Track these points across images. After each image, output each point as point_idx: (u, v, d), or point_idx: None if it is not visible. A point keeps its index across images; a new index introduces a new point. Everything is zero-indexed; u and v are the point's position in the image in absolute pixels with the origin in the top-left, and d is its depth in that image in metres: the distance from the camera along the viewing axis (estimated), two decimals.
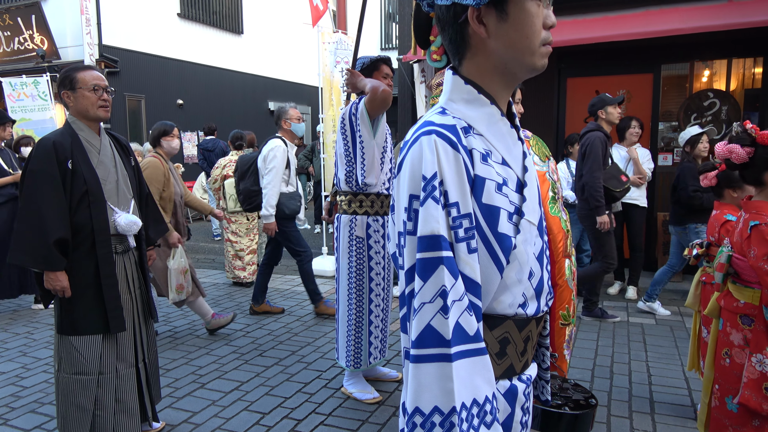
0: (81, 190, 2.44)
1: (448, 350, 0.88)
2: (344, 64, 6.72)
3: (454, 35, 1.03)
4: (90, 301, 2.48)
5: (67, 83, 2.50)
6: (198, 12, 12.07)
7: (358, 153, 3.10)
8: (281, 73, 14.76)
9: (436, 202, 0.91)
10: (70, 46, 10.01)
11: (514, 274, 1.01)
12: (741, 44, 5.83)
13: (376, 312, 3.26)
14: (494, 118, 1.03)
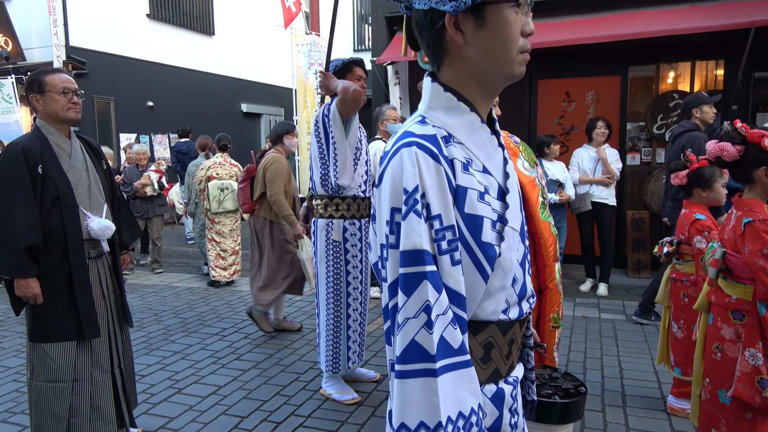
0: (52, 196, 2.40)
1: (433, 365, 0.88)
2: (318, 66, 6.71)
3: (431, 40, 1.02)
4: (63, 307, 2.44)
5: (36, 86, 2.45)
6: (167, 13, 11.90)
7: (331, 155, 3.10)
8: (254, 75, 14.64)
9: (419, 216, 0.90)
10: (35, 48, 9.77)
11: (498, 282, 1.00)
12: (704, 47, 6.02)
13: (354, 317, 3.27)
14: (474, 126, 1.02)
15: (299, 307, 5.38)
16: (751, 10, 5.22)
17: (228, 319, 5.02)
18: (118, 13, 10.75)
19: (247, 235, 8.98)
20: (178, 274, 6.99)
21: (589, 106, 6.52)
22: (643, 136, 6.44)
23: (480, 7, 0.95)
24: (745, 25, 5.06)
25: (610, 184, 5.43)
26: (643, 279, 6.00)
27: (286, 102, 14.91)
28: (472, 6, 0.94)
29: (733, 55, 5.83)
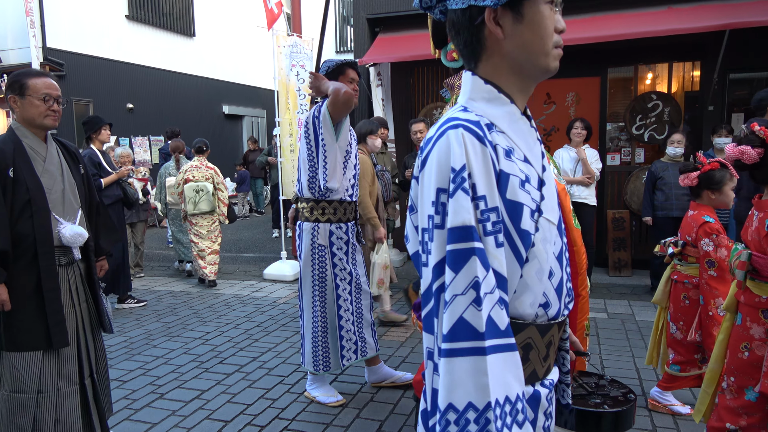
0: (23, 200, 2.32)
1: (482, 343, 0.86)
2: (300, 67, 6.70)
3: (469, 38, 1.06)
4: (30, 315, 2.35)
5: (17, 88, 2.38)
6: (147, 14, 11.77)
7: (320, 157, 3.06)
8: (235, 77, 14.55)
9: (466, 194, 0.91)
10: (11, 49, 9.60)
11: (534, 273, 1.01)
12: (680, 49, 6.13)
13: (346, 317, 3.25)
14: (515, 117, 1.05)
15: (283, 309, 5.35)
16: (725, 13, 5.33)
17: (211, 322, 4.97)
18: (97, 14, 10.61)
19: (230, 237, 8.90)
20: (160, 278, 6.92)
21: (570, 107, 6.60)
22: (623, 137, 6.53)
23: (518, 2, 1.00)
24: (719, 27, 5.17)
25: (590, 184, 5.50)
26: (624, 278, 6.07)
27: (268, 103, 14.84)
28: (510, 1, 0.99)
29: (708, 56, 5.94)
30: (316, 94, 3.12)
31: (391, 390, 3.47)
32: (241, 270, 7.16)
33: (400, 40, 6.73)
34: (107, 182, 5.22)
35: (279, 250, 7.00)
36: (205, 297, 5.90)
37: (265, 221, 11.38)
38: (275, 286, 6.30)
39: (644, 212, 5.49)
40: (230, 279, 6.73)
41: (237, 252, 8.27)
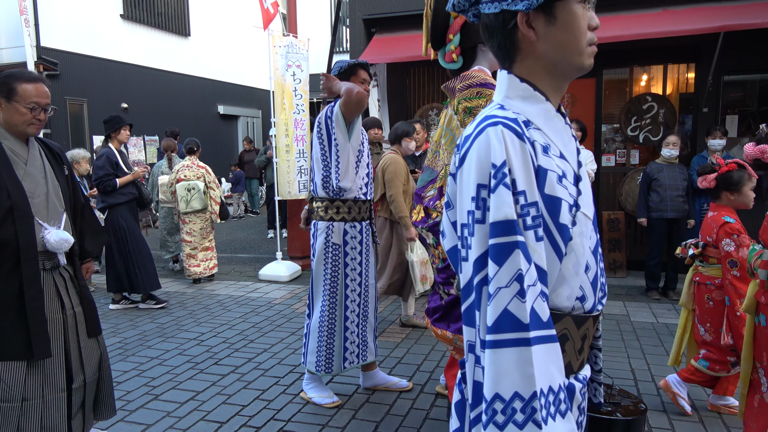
0: (5, 206, 2.22)
1: (527, 334, 0.89)
2: (296, 68, 6.69)
3: (503, 41, 1.07)
4: (12, 324, 2.24)
5: (5, 90, 2.28)
6: (142, 13, 11.73)
7: (333, 157, 3.07)
8: (231, 77, 14.52)
9: (508, 189, 0.93)
10: (4, 48, 9.55)
11: (572, 266, 1.03)
12: (676, 51, 6.16)
13: (351, 318, 3.24)
14: (550, 114, 1.07)
15: (278, 310, 5.34)
16: (720, 15, 5.35)
17: (206, 323, 4.95)
18: (91, 13, 10.56)
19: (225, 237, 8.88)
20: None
21: (565, 108, 6.60)
22: (618, 138, 6.56)
23: (550, 4, 1.02)
24: (714, 29, 5.19)
25: None
26: (619, 278, 6.09)
27: (264, 104, 14.82)
28: (542, 3, 1.01)
29: (703, 58, 5.98)
30: (328, 95, 3.14)
31: (386, 392, 3.46)
32: (237, 270, 7.14)
33: (396, 41, 6.73)
34: (122, 182, 5.23)
35: (274, 251, 6.99)
36: (200, 297, 5.88)
37: (260, 222, 11.36)
38: (270, 287, 6.29)
39: (639, 213, 5.51)
40: (225, 279, 6.71)
41: (232, 252, 8.25)
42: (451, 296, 2.37)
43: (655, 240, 5.47)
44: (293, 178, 6.73)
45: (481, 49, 2.39)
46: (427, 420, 3.12)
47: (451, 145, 2.37)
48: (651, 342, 4.27)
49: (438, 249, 2.40)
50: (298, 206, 7.11)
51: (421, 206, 2.44)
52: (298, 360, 4.00)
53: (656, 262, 5.51)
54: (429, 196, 2.42)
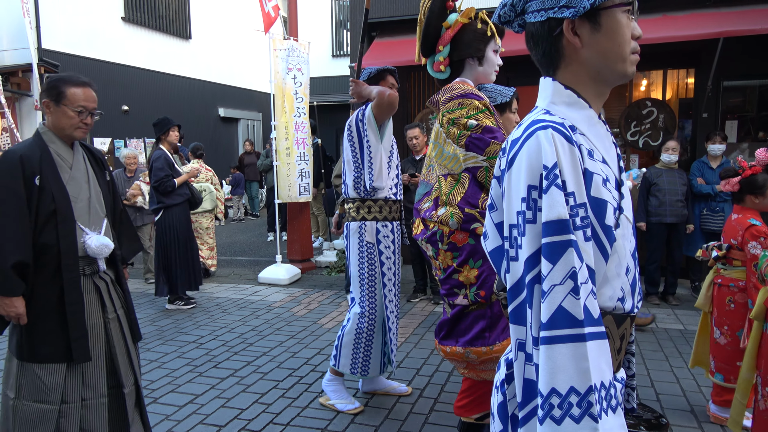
0: (48, 209, 2.24)
1: (582, 330, 0.91)
2: (297, 71, 6.70)
3: (548, 48, 1.11)
4: (53, 327, 2.26)
5: (54, 94, 2.31)
6: (143, 16, 11.75)
7: (365, 158, 3.13)
8: (231, 79, 14.53)
9: (560, 189, 0.95)
10: (6, 50, 9.55)
11: (614, 267, 1.05)
12: (675, 56, 6.18)
13: (392, 318, 3.25)
14: (593, 120, 1.10)
15: (277, 313, 5.34)
16: (719, 21, 5.37)
17: (205, 326, 4.95)
18: (93, 15, 10.58)
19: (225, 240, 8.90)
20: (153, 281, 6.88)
21: None
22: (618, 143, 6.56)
23: (595, 12, 1.06)
24: (713, 35, 5.21)
25: None
26: None
27: (264, 106, 14.84)
28: (587, 11, 1.05)
29: (703, 64, 5.99)
30: (357, 99, 3.22)
31: (385, 396, 3.46)
32: (236, 273, 7.15)
33: (397, 45, 6.74)
34: (180, 182, 5.41)
35: (274, 254, 6.99)
36: (200, 300, 5.88)
37: (260, 224, 11.37)
38: (270, 290, 6.29)
39: (638, 218, 5.52)
40: (225, 282, 6.71)
41: (232, 255, 8.26)
42: (457, 308, 2.34)
43: (655, 245, 5.47)
44: (293, 181, 6.74)
45: (469, 62, 2.40)
46: (426, 424, 3.11)
47: (440, 158, 2.37)
48: (650, 347, 4.27)
49: (438, 260, 2.39)
50: (299, 209, 7.12)
51: (419, 219, 2.44)
52: (297, 364, 4.00)
53: (656, 266, 5.52)
54: (425, 207, 2.42)
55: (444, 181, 2.34)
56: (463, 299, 2.31)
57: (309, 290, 6.25)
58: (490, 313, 2.30)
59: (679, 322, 4.89)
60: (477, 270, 2.26)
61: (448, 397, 3.41)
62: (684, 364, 3.91)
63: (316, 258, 7.57)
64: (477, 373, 2.39)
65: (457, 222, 2.25)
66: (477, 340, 2.31)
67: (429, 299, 5.73)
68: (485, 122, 2.24)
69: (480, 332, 2.31)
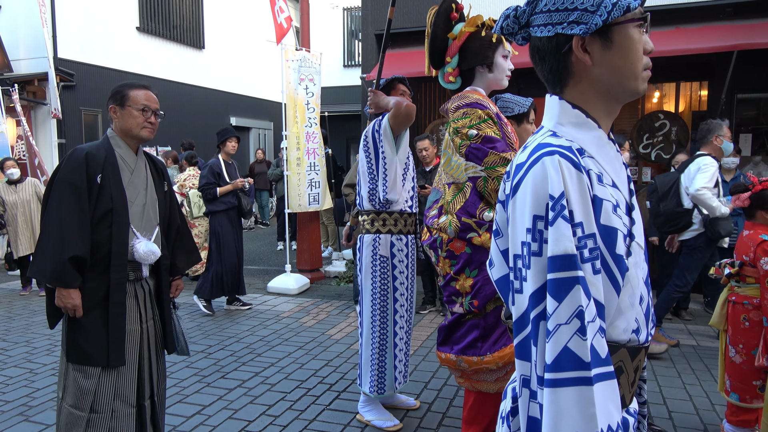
0: (105, 208, 2.30)
1: (588, 373, 0.86)
2: (308, 81, 6.73)
3: (556, 65, 1.05)
4: (93, 326, 2.30)
5: (118, 98, 2.41)
6: (158, 26, 11.90)
7: (380, 169, 3.08)
8: (243, 89, 14.65)
9: (567, 221, 0.91)
10: (23, 59, 9.71)
11: (627, 298, 1.00)
12: (688, 68, 6.13)
13: (400, 334, 3.18)
14: (602, 142, 1.04)
15: (286, 323, 5.33)
16: (734, 34, 5.33)
17: (214, 336, 4.96)
18: (108, 25, 10.73)
19: None
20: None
21: None
22: (630, 155, 6.51)
23: (607, 28, 1.00)
24: (727, 48, 5.17)
25: None
26: None
27: (276, 116, 14.93)
28: (599, 28, 0.99)
29: (716, 76, 5.94)
30: (375, 110, 3.16)
31: (393, 410, 3.42)
32: (246, 282, 7.15)
33: (408, 56, 6.76)
34: (222, 191, 5.61)
35: (283, 263, 7.00)
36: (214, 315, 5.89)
37: (269, 233, 11.39)
38: (279, 300, 6.28)
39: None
40: None
41: None
42: (455, 315, 2.35)
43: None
44: (304, 191, 6.76)
45: (479, 71, 2.40)
46: None
47: (447, 166, 2.38)
48: (663, 364, 4.21)
49: (439, 266, 2.40)
50: (308, 219, 7.13)
51: (426, 226, 2.45)
52: (305, 375, 3.99)
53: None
54: (431, 215, 2.43)
55: (448, 190, 2.35)
56: (459, 307, 2.33)
57: (318, 300, 6.24)
58: (484, 324, 2.30)
59: (692, 338, 4.81)
60: (472, 279, 2.28)
61: (456, 412, 3.38)
62: (697, 381, 3.84)
63: (325, 268, 7.56)
64: (471, 383, 2.38)
65: (455, 230, 2.27)
66: (469, 349, 2.31)
67: (438, 311, 5.69)
68: (486, 132, 2.24)
69: (473, 341, 2.31)
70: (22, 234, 6.70)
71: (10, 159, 6.94)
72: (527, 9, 1.07)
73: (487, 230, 2.24)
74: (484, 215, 2.24)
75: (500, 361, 2.27)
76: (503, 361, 2.27)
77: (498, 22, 1.13)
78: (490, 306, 2.28)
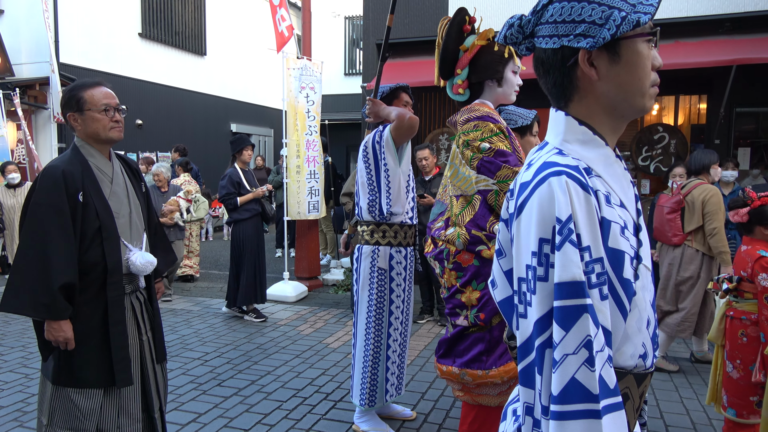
0: (93, 227, 2.15)
1: (597, 406, 0.83)
2: (309, 89, 6.76)
3: (560, 78, 1.01)
4: (94, 349, 2.17)
5: (74, 104, 2.20)
6: (160, 32, 11.95)
7: (382, 181, 3.04)
8: (243, 96, 14.70)
9: (575, 246, 0.86)
10: (25, 63, 9.74)
11: (635, 323, 0.96)
12: (687, 82, 6.17)
13: (393, 347, 3.16)
14: (610, 160, 1.01)
15: (283, 331, 5.32)
16: (733, 49, 5.37)
17: (211, 343, 4.94)
18: (111, 31, 10.77)
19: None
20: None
21: None
22: (629, 167, 6.54)
23: (615, 43, 0.96)
24: (727, 62, 5.21)
25: None
26: None
27: (276, 123, 14.96)
28: (606, 42, 0.95)
29: (715, 90, 5.98)
30: (374, 119, 3.12)
31: (389, 420, 3.41)
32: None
33: (408, 66, 6.79)
34: (243, 200, 5.56)
35: (282, 270, 6.99)
36: (206, 316, 5.87)
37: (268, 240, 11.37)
38: (277, 307, 6.27)
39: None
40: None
41: None
42: (458, 328, 2.34)
43: None
44: (303, 199, 6.76)
45: (488, 84, 2.40)
46: None
47: (455, 178, 2.37)
48: (660, 377, 4.20)
49: (443, 278, 2.39)
50: (307, 227, 7.13)
51: (431, 237, 2.45)
52: (301, 384, 3.97)
53: None
54: (437, 227, 2.42)
55: (456, 202, 2.35)
56: (463, 320, 2.31)
57: (315, 308, 6.23)
58: (489, 337, 2.29)
59: (689, 352, 4.80)
60: (479, 292, 2.26)
61: (452, 423, 3.36)
62: (694, 395, 3.83)
63: (323, 276, 7.56)
64: (472, 397, 2.36)
65: (463, 243, 2.25)
66: (474, 363, 2.29)
67: (436, 321, 5.68)
68: (498, 145, 2.24)
69: (478, 355, 2.29)
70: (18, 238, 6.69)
71: (12, 163, 6.96)
72: (532, 19, 1.03)
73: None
74: (495, 228, 2.23)
75: (505, 376, 2.26)
76: (508, 376, 2.26)
77: (501, 31, 1.09)
78: (496, 319, 2.27)
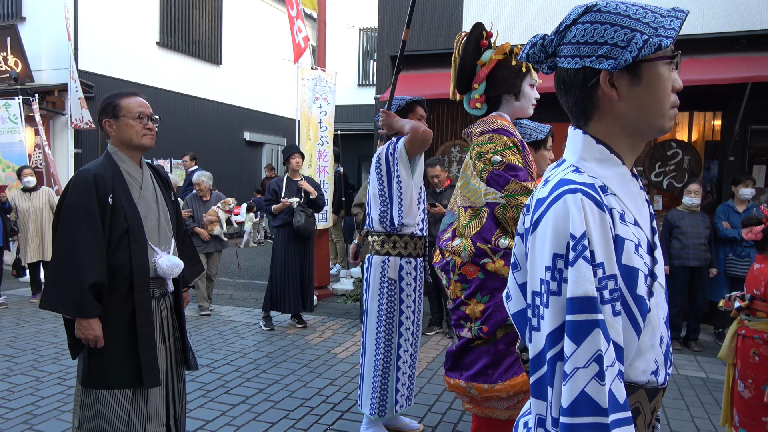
0: (121, 229, 2.21)
1: (606, 419, 0.85)
2: (323, 100, 6.81)
3: (581, 97, 1.04)
4: (123, 351, 2.22)
5: (110, 111, 2.30)
6: (177, 41, 12.12)
7: (395, 193, 3.06)
8: (258, 105, 14.82)
9: (588, 263, 0.89)
10: (44, 70, 9.91)
11: (648, 339, 0.98)
12: (702, 98, 6.13)
13: (404, 358, 3.15)
14: (626, 178, 1.03)
15: (291, 340, 5.32)
16: (748, 66, 5.34)
17: (219, 350, 4.96)
18: (129, 39, 10.94)
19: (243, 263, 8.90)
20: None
21: None
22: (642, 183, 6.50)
23: (636, 65, 0.98)
24: (742, 80, 5.18)
25: None
26: None
27: (289, 132, 15.06)
28: (628, 64, 0.97)
29: (730, 107, 5.94)
30: (388, 131, 3.15)
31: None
32: (252, 297, 7.16)
33: (422, 78, 6.83)
34: (276, 210, 5.68)
35: None
36: (215, 323, 5.90)
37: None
38: (285, 316, 6.28)
39: None
40: (241, 306, 6.73)
41: (249, 279, 8.30)
42: (462, 340, 2.34)
43: (677, 288, 5.36)
44: None
45: (505, 98, 2.41)
46: None
47: (465, 189, 2.38)
48: (671, 395, 4.15)
49: (449, 289, 2.39)
50: (317, 236, 7.16)
51: (439, 248, 2.45)
52: (309, 393, 3.97)
53: (678, 311, 5.39)
54: (445, 237, 2.43)
55: (464, 213, 2.35)
56: (467, 332, 2.31)
57: (324, 318, 6.23)
58: (494, 350, 2.28)
59: (701, 370, 4.75)
60: (483, 305, 2.26)
61: None
62: (706, 415, 3.78)
63: (332, 285, 7.57)
64: (482, 409, 2.36)
65: (468, 255, 2.26)
66: (479, 377, 2.28)
67: (444, 332, 5.67)
68: (510, 159, 2.25)
69: (483, 368, 2.28)
70: (31, 241, 6.77)
71: (28, 167, 7.05)
72: (555, 38, 1.06)
73: (501, 257, 2.22)
74: (500, 242, 2.23)
75: (511, 390, 2.24)
76: (514, 390, 2.24)
77: (524, 50, 1.12)
78: (500, 332, 2.26)
